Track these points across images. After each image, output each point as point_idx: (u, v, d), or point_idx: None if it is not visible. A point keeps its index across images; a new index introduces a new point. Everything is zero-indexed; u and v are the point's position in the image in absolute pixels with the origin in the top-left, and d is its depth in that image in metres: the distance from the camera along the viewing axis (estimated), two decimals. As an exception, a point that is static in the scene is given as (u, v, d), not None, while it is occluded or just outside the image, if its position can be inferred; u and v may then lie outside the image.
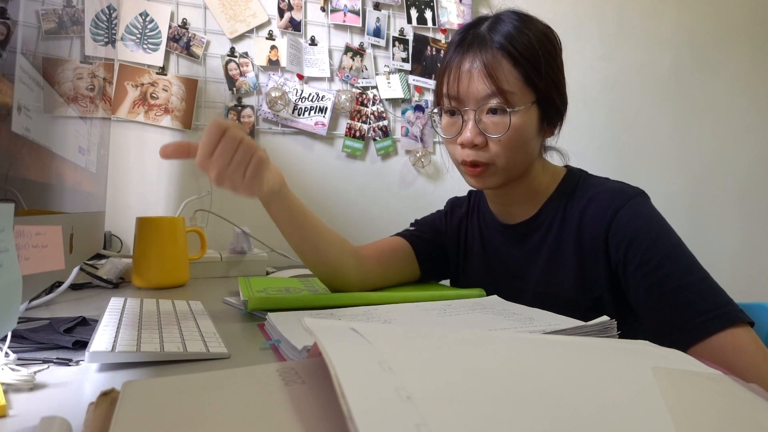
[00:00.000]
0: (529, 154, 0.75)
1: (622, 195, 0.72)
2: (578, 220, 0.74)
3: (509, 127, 0.70)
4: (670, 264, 0.66)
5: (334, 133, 1.49)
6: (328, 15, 1.48)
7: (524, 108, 0.71)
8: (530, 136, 0.73)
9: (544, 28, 0.74)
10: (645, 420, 0.26)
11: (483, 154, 0.72)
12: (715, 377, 0.34)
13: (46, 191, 0.51)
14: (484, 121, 0.71)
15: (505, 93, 0.69)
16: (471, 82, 0.71)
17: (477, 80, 0.70)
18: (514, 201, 0.81)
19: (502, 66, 0.70)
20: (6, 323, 0.32)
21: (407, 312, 0.64)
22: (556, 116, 0.75)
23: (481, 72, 0.70)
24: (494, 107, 0.70)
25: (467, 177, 0.77)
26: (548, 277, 0.77)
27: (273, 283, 0.86)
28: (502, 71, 0.70)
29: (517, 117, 0.70)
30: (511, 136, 0.71)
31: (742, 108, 1.96)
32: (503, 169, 0.73)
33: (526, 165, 0.76)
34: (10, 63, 0.39)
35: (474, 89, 0.71)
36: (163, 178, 1.35)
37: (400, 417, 0.22)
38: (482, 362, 0.31)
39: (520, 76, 0.70)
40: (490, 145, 0.72)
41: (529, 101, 0.71)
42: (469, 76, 0.71)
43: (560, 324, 0.55)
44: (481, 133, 0.71)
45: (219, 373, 0.32)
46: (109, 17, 0.92)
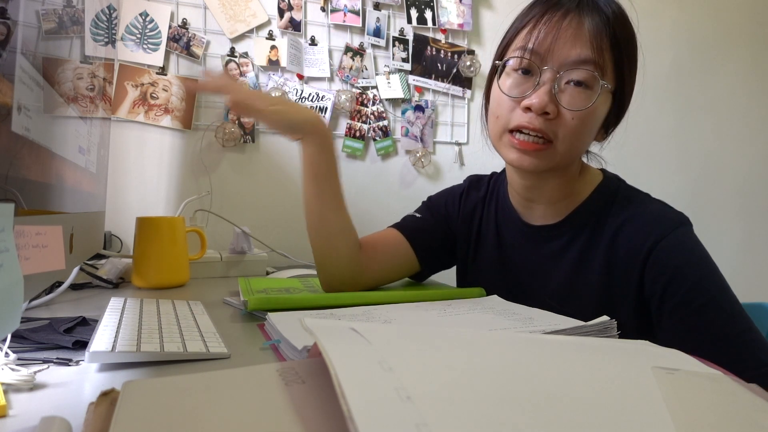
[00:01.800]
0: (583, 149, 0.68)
1: (666, 222, 0.64)
2: (612, 238, 0.67)
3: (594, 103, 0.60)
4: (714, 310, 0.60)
5: (334, 133, 1.49)
6: (328, 15, 1.48)
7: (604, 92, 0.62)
8: (597, 125, 0.65)
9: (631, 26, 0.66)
10: (645, 420, 0.26)
11: (550, 127, 0.62)
12: (715, 377, 0.34)
13: (46, 191, 0.51)
14: (563, 90, 0.61)
15: (600, 66, 0.60)
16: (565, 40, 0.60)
17: (571, 40, 0.60)
18: (542, 198, 0.73)
19: (603, 38, 0.60)
20: (8, 323, 0.32)
21: (407, 312, 0.64)
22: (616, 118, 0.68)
23: (581, 33, 0.60)
24: (581, 79, 0.60)
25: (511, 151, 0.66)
26: (565, 291, 0.71)
27: (273, 283, 0.86)
28: (602, 42, 0.60)
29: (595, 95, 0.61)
30: (586, 115, 0.61)
31: (741, 108, 1.96)
32: (561, 153, 0.64)
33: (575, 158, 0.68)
34: (10, 63, 0.39)
35: (566, 49, 0.60)
36: (163, 178, 1.35)
37: (400, 417, 0.22)
38: (482, 362, 0.31)
39: (612, 57, 0.61)
40: (561, 120, 0.62)
41: (610, 88, 0.63)
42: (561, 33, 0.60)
43: (560, 324, 0.55)
44: (555, 102, 0.61)
45: (219, 373, 0.32)
46: (109, 17, 0.92)
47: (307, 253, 1.43)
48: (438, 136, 1.60)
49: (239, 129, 1.38)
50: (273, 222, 1.43)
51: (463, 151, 1.62)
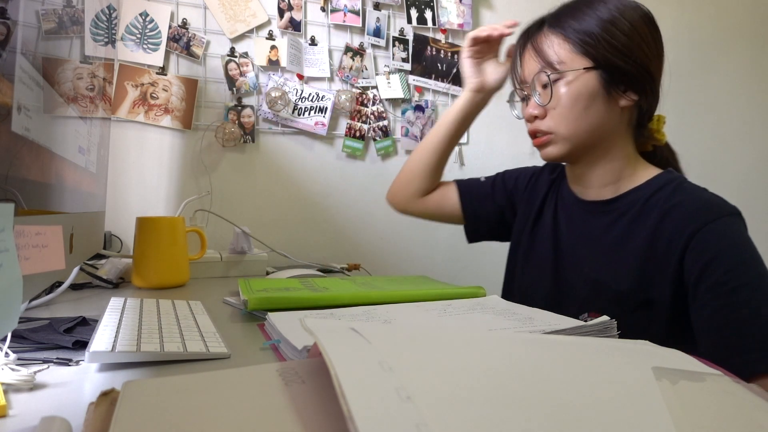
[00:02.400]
0: (595, 123, 0.75)
1: (715, 209, 0.69)
2: (659, 218, 0.71)
3: (552, 94, 0.74)
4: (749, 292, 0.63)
5: (334, 133, 1.49)
6: (328, 15, 1.48)
7: (574, 73, 0.73)
8: (589, 101, 0.74)
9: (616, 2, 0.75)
10: (645, 420, 0.26)
11: (541, 123, 0.77)
12: (715, 377, 0.34)
13: (46, 191, 0.51)
14: (541, 93, 0.76)
15: (551, 64, 0.74)
16: (526, 64, 0.79)
17: (529, 60, 0.78)
18: (592, 183, 0.81)
19: (550, 40, 0.75)
20: (7, 323, 0.32)
21: (407, 312, 0.64)
22: (630, 82, 0.74)
23: (529, 54, 0.78)
24: (545, 81, 0.75)
25: (538, 149, 0.81)
26: (605, 265, 0.75)
27: (273, 284, 0.86)
28: (550, 45, 0.75)
29: (565, 83, 0.74)
30: (562, 103, 0.74)
31: (741, 108, 1.96)
32: (565, 138, 0.76)
33: (597, 136, 0.76)
34: (10, 63, 0.39)
35: (528, 69, 0.78)
36: (163, 178, 1.35)
37: (400, 417, 0.22)
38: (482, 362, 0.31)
39: (570, 47, 0.74)
40: (549, 115, 0.76)
41: (581, 67, 0.73)
42: (524, 59, 0.79)
43: (560, 324, 0.55)
44: (537, 105, 0.76)
45: (219, 373, 0.32)
46: (109, 17, 0.92)
47: (307, 253, 1.44)
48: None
49: (239, 129, 1.38)
50: (273, 222, 1.43)
51: (463, 151, 1.62)
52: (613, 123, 0.76)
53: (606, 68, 0.73)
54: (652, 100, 0.77)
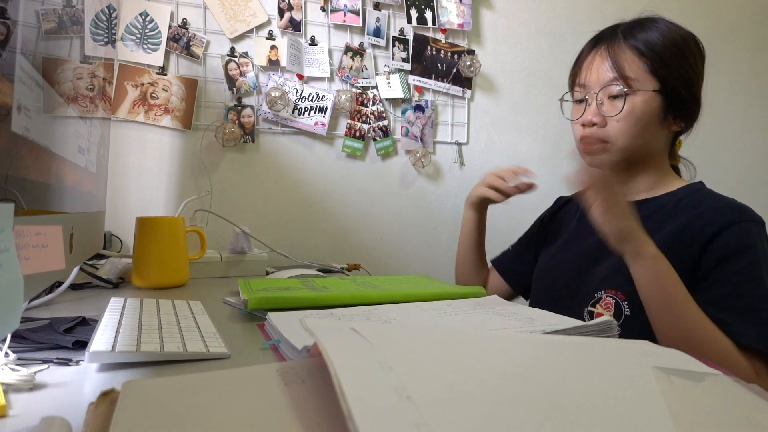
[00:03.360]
0: (650, 143, 0.80)
1: (744, 213, 0.74)
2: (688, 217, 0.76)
3: (623, 106, 0.77)
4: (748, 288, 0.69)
5: (334, 133, 1.49)
6: (328, 15, 1.48)
7: (644, 92, 0.77)
8: (650, 121, 0.78)
9: (685, 33, 0.81)
10: (645, 420, 0.26)
11: (600, 131, 0.79)
12: (715, 377, 0.34)
13: (46, 191, 0.51)
14: (606, 103, 0.79)
15: (626, 78, 0.77)
16: (596, 68, 0.80)
17: (601, 66, 0.79)
18: (629, 190, 0.85)
19: (626, 55, 0.78)
20: (8, 323, 0.32)
21: (407, 312, 0.64)
22: (683, 110, 0.80)
23: (605, 59, 0.79)
24: (615, 93, 0.78)
25: (583, 156, 0.83)
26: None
27: (273, 283, 0.86)
28: (625, 59, 0.77)
29: (635, 99, 0.77)
30: (627, 117, 0.77)
31: (741, 107, 1.96)
32: (619, 150, 0.79)
33: (644, 153, 0.81)
34: (10, 63, 0.39)
35: (597, 74, 0.80)
36: (163, 178, 1.35)
37: (400, 417, 0.22)
38: (482, 362, 0.31)
39: (643, 65, 0.77)
40: (609, 124, 0.79)
41: (651, 88, 0.77)
42: (594, 65, 0.81)
43: (560, 324, 0.55)
44: (600, 113, 0.79)
45: (219, 373, 0.32)
46: (109, 17, 0.92)
47: (307, 253, 1.44)
48: (438, 136, 1.60)
49: (239, 129, 1.38)
50: (273, 222, 1.43)
51: (463, 151, 1.62)
52: (660, 143, 0.82)
53: (670, 94, 0.77)
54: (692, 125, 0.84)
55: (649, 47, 0.77)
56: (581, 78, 0.83)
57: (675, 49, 0.78)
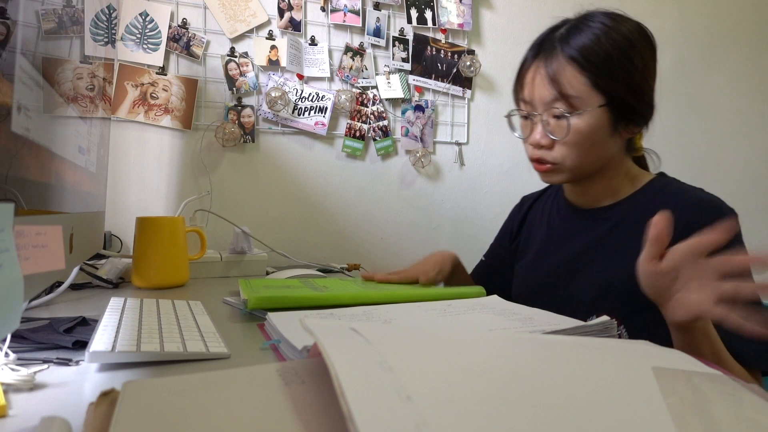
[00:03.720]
0: (601, 156, 0.77)
1: (716, 209, 0.72)
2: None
3: (568, 131, 0.73)
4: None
5: (334, 133, 1.49)
6: (328, 15, 1.48)
7: (589, 111, 0.72)
8: (599, 138, 0.74)
9: (627, 30, 0.73)
10: (645, 420, 0.26)
11: (549, 154, 0.76)
12: (715, 377, 0.34)
13: (46, 191, 0.51)
14: (551, 123, 0.75)
15: (567, 97, 0.72)
16: (537, 88, 0.75)
17: (542, 87, 0.74)
18: (590, 196, 0.83)
19: (567, 72, 0.72)
20: (8, 323, 0.32)
21: (407, 312, 0.64)
22: (635, 117, 0.75)
23: (545, 78, 0.74)
24: (555, 114, 0.74)
25: (538, 173, 0.81)
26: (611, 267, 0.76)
27: (273, 283, 0.86)
28: (566, 77, 0.72)
29: (580, 120, 0.72)
30: (574, 139, 0.73)
31: (741, 107, 1.96)
32: (570, 169, 0.76)
33: (598, 165, 0.78)
34: (10, 63, 0.39)
35: (539, 94, 0.75)
36: (163, 178, 1.35)
37: (400, 417, 0.22)
38: (482, 362, 0.31)
39: (586, 81, 0.72)
40: (556, 147, 0.75)
41: (596, 105, 0.72)
42: (535, 83, 0.75)
43: (560, 324, 0.55)
44: (547, 135, 0.75)
45: (219, 373, 0.32)
46: (109, 17, 0.92)
47: (306, 253, 1.44)
48: (438, 136, 1.60)
49: (239, 129, 1.38)
50: (273, 222, 1.43)
51: (463, 151, 1.62)
52: (615, 151, 0.78)
53: (618, 105, 0.73)
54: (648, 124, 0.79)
55: (589, 58, 0.71)
56: (524, 94, 0.78)
57: (618, 55, 0.72)
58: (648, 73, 0.75)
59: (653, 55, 0.76)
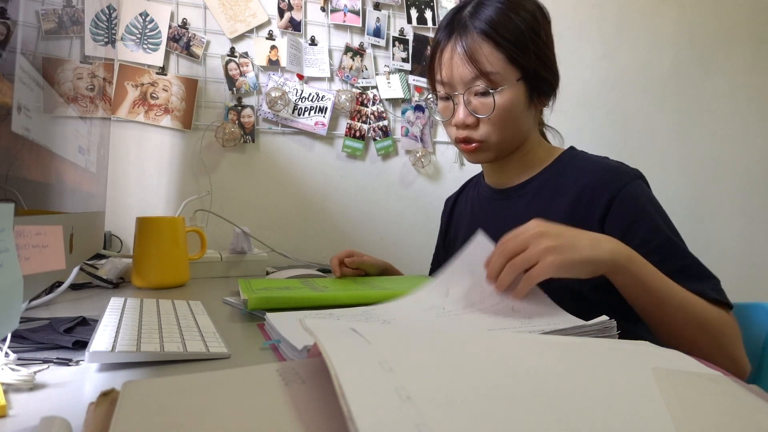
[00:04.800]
0: (521, 129, 0.79)
1: (623, 175, 0.74)
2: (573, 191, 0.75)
3: (494, 107, 0.74)
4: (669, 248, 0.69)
5: (334, 133, 1.49)
6: (328, 15, 1.48)
7: (509, 86, 0.74)
8: (519, 111, 0.77)
9: (530, 6, 0.77)
10: (645, 420, 0.26)
11: (475, 132, 0.78)
12: (715, 378, 0.34)
13: (46, 191, 0.51)
14: (473, 102, 0.76)
15: (488, 74, 0.73)
16: (455, 68, 0.75)
17: (460, 66, 0.75)
18: (508, 174, 0.85)
19: (484, 48, 0.74)
20: (7, 323, 0.32)
21: (406, 311, 0.64)
22: (546, 88, 0.79)
23: (463, 57, 0.74)
24: (477, 92, 0.75)
25: (463, 153, 0.82)
26: None
27: (273, 283, 0.86)
28: (484, 54, 0.73)
29: (502, 96, 0.74)
30: (499, 114, 0.75)
31: (742, 108, 1.96)
32: (495, 144, 0.78)
33: (520, 139, 0.81)
34: (10, 63, 0.39)
35: (459, 74, 0.75)
36: (163, 178, 1.35)
37: (400, 417, 0.22)
38: (482, 362, 0.31)
39: (503, 56, 0.74)
40: (481, 124, 0.77)
41: (514, 79, 0.74)
42: (453, 62, 0.76)
43: (560, 324, 0.55)
44: (471, 114, 0.76)
45: (219, 373, 0.32)
46: (109, 17, 0.92)
47: (306, 253, 1.44)
48: (438, 136, 1.60)
49: (239, 129, 1.38)
50: (273, 222, 1.43)
51: (463, 151, 1.62)
52: (530, 124, 0.81)
53: (533, 78, 0.76)
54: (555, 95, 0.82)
55: (503, 34, 0.73)
56: (442, 75, 0.78)
57: (527, 29, 0.74)
58: (551, 44, 0.79)
59: (550, 25, 0.80)
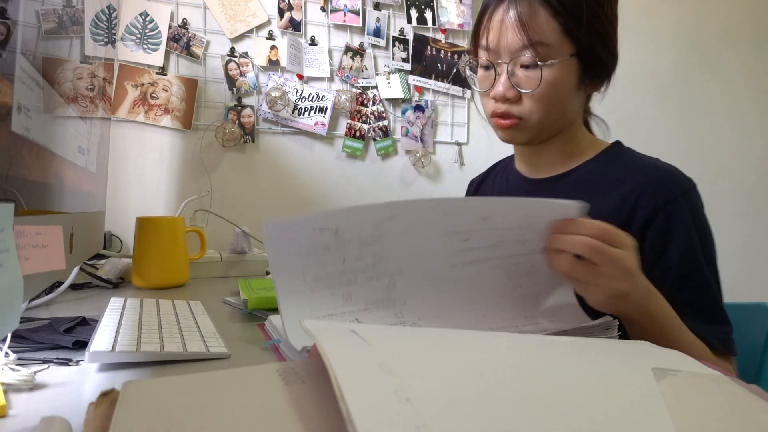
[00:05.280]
0: (566, 112, 0.72)
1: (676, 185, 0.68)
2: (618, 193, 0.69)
3: (541, 81, 0.67)
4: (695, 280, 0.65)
5: (334, 133, 1.49)
6: (328, 15, 1.48)
7: (560, 61, 0.67)
8: (567, 91, 0.70)
9: None
10: (645, 420, 0.26)
11: (515, 108, 0.70)
12: (715, 378, 0.34)
13: (46, 191, 0.51)
14: (518, 74, 0.69)
15: (539, 45, 0.66)
16: (504, 34, 0.68)
17: (510, 32, 0.68)
18: (543, 161, 0.78)
19: (539, 16, 0.66)
20: (7, 323, 0.32)
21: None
22: (600, 70, 0.71)
23: (514, 23, 0.67)
24: (525, 63, 0.67)
25: (496, 130, 0.74)
26: None
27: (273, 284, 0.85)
28: (538, 22, 0.66)
29: (551, 71, 0.67)
30: (544, 91, 0.68)
31: (742, 108, 1.96)
32: (535, 126, 0.70)
33: (562, 124, 0.73)
34: (10, 63, 0.39)
35: (506, 42, 0.68)
36: (163, 178, 1.35)
37: (399, 419, 0.22)
38: (482, 364, 0.31)
39: (558, 27, 0.66)
40: (524, 100, 0.69)
41: (567, 54, 0.67)
42: (502, 27, 0.68)
43: (562, 323, 0.55)
44: (513, 87, 0.69)
45: (219, 373, 0.32)
46: (109, 17, 0.92)
47: (307, 253, 1.43)
48: (438, 136, 1.60)
49: (239, 129, 1.38)
50: (273, 222, 1.43)
51: (463, 151, 1.62)
52: (576, 108, 0.74)
53: (587, 55, 0.68)
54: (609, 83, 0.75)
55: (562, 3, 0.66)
56: (488, 40, 0.70)
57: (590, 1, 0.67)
58: (615, 21, 0.72)
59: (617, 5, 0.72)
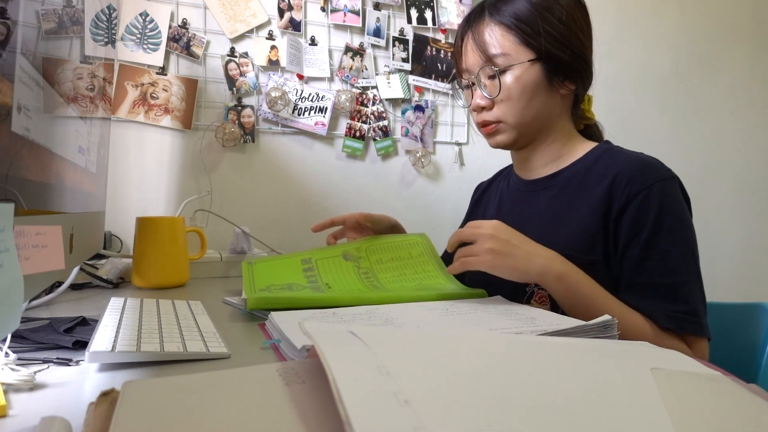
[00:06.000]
0: (541, 111, 0.80)
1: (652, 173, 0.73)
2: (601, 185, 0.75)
3: (501, 86, 0.78)
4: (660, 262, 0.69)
5: (334, 133, 1.49)
6: (328, 15, 1.48)
7: (519, 65, 0.77)
8: (534, 92, 0.78)
9: None
10: (644, 421, 0.26)
11: (490, 114, 0.81)
12: (715, 378, 0.34)
13: (46, 191, 0.51)
14: (487, 84, 0.80)
15: (498, 57, 0.77)
16: (470, 54, 0.81)
17: (471, 53, 0.80)
18: (535, 164, 0.86)
19: (494, 32, 0.78)
20: (8, 323, 0.32)
21: (409, 312, 0.64)
22: (568, 71, 0.79)
23: (472, 45, 0.80)
24: (491, 74, 0.79)
25: (486, 138, 0.85)
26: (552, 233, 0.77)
27: (276, 278, 0.84)
28: (495, 38, 0.78)
29: (509, 75, 0.77)
30: (508, 94, 0.78)
31: (742, 107, 1.96)
32: (514, 126, 0.80)
33: (541, 123, 0.81)
34: (10, 63, 0.39)
35: (472, 60, 0.80)
36: (163, 178, 1.35)
37: (398, 421, 0.22)
38: (480, 366, 0.31)
39: (514, 38, 0.77)
40: (496, 105, 0.80)
41: (526, 59, 0.77)
42: (468, 48, 0.81)
43: (561, 324, 0.55)
44: (485, 96, 0.80)
45: (219, 373, 0.32)
46: (109, 17, 0.92)
47: (307, 253, 1.43)
48: (438, 136, 1.60)
49: (239, 129, 1.38)
50: (273, 222, 1.43)
51: (463, 151, 1.62)
52: (555, 109, 0.81)
53: (547, 60, 0.77)
54: (587, 83, 0.82)
55: (516, 18, 0.77)
56: (462, 63, 0.83)
57: (543, 12, 0.76)
58: (578, 29, 0.79)
59: (583, 13, 0.80)
